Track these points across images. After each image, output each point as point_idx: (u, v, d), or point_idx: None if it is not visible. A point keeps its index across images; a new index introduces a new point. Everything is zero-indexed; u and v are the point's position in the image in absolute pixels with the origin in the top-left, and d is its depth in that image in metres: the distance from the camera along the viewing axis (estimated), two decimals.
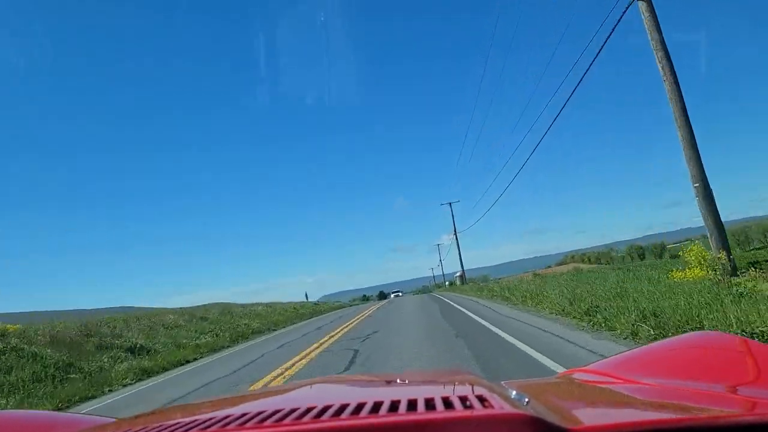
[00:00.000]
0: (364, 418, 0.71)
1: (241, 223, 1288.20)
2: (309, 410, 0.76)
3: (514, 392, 0.90)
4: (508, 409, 0.72)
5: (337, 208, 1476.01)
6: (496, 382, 1.08)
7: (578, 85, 13.16)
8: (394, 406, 0.76)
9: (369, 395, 0.89)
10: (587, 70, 12.34)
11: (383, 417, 0.71)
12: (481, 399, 0.77)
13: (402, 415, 0.71)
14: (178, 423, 0.82)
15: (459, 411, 0.72)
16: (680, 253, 11.96)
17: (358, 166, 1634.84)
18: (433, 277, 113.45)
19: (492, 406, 0.73)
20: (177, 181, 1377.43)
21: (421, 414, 0.72)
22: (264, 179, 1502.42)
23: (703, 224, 9.80)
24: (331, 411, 0.75)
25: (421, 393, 0.84)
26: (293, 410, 0.77)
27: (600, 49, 11.32)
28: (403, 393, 0.89)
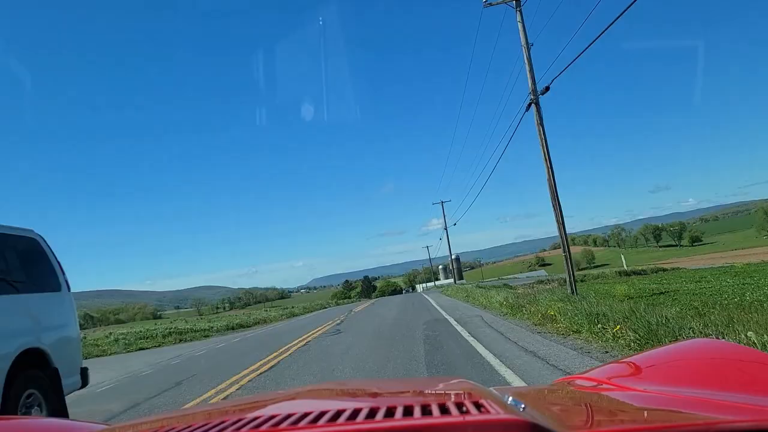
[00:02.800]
0: (361, 424, 0.72)
1: (231, 207, 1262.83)
2: (305, 416, 0.78)
3: (510, 398, 0.91)
4: (504, 414, 0.73)
5: (328, 192, 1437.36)
6: (493, 388, 1.07)
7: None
8: (390, 412, 0.77)
9: (365, 401, 0.91)
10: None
11: (379, 422, 0.72)
12: (478, 405, 0.78)
13: (398, 421, 0.72)
14: (173, 429, 0.84)
15: (455, 416, 0.72)
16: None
17: (350, 151, 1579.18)
18: (429, 260, 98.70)
19: (488, 412, 0.74)
20: (165, 164, 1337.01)
21: (418, 419, 0.72)
22: (255, 165, 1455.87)
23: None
24: (327, 416, 0.76)
25: (417, 399, 0.86)
26: (289, 415, 0.79)
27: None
28: (399, 399, 0.90)
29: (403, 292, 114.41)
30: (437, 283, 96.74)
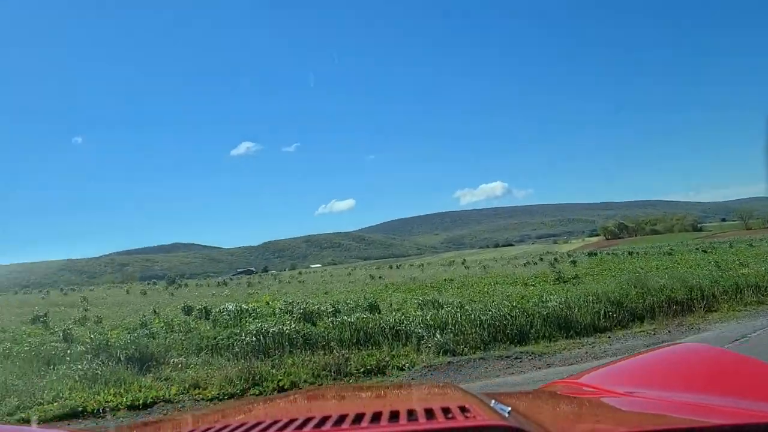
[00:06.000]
0: (348, 430, 0.75)
1: None
2: (291, 422, 0.81)
3: (496, 403, 0.95)
4: (489, 419, 0.77)
5: None
6: (479, 394, 1.14)
7: None
8: (375, 417, 0.80)
9: (351, 407, 0.92)
10: None
11: (365, 428, 0.75)
12: (463, 409, 0.81)
13: (384, 426, 0.76)
14: None
15: (441, 421, 0.76)
16: None
17: None
18: None
19: (474, 417, 0.78)
20: None
21: (403, 424, 0.76)
22: None
23: None
24: (313, 422, 0.79)
25: (403, 404, 0.88)
26: (275, 422, 0.82)
27: None
28: (385, 404, 0.95)
29: None
30: None
